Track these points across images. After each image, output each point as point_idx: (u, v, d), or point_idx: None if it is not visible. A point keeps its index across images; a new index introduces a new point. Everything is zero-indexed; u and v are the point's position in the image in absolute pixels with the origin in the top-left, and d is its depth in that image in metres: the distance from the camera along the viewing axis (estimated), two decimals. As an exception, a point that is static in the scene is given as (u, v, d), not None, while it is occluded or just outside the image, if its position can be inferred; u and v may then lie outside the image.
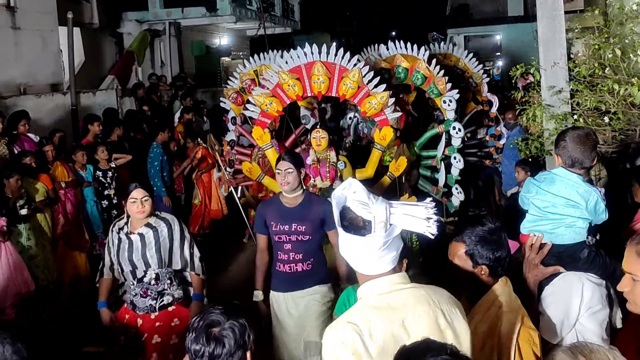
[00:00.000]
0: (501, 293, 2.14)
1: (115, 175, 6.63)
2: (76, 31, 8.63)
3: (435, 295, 1.82)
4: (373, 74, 4.83)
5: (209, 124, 9.42)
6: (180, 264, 3.51)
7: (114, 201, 6.56)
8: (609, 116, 3.94)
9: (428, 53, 5.58)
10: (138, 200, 3.30)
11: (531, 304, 2.38)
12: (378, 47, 6.03)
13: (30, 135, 6.54)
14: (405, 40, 5.74)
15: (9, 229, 5.25)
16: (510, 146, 5.95)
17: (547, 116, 4.30)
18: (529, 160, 4.99)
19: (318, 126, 4.71)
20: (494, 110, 6.59)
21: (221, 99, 6.51)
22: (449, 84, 5.34)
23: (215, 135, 9.06)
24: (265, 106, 4.88)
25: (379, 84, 4.76)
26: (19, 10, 8.67)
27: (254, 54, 6.64)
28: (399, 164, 4.97)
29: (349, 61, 4.72)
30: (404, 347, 1.52)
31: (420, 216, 1.80)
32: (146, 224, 3.38)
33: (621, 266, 1.84)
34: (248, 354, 1.83)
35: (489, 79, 6.80)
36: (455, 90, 5.37)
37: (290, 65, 4.82)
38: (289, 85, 4.76)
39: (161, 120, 8.33)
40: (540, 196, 2.57)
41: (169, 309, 3.43)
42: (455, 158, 5.40)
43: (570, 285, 2.43)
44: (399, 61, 5.54)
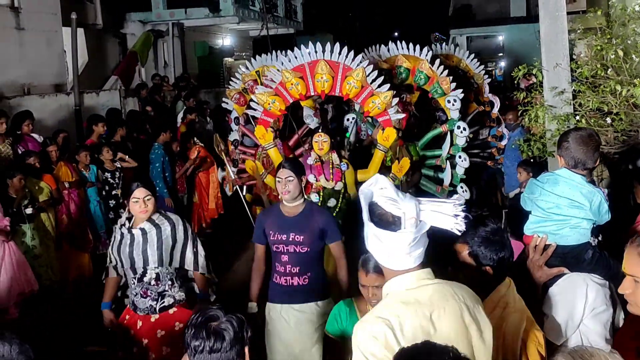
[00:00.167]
0: (505, 294, 2.15)
1: (121, 175, 6.68)
2: (80, 32, 8.64)
3: (459, 291, 1.83)
4: (370, 66, 4.76)
5: (212, 124, 9.43)
6: (181, 262, 3.46)
7: (121, 200, 6.57)
8: (611, 117, 3.93)
9: (431, 53, 5.58)
10: (140, 200, 3.28)
11: (535, 305, 2.37)
12: (379, 48, 6.00)
13: (34, 135, 6.56)
14: (408, 41, 5.73)
15: (13, 229, 5.27)
16: (512, 147, 5.95)
17: (550, 117, 4.29)
18: (531, 161, 4.98)
19: (320, 130, 4.64)
20: (496, 111, 6.58)
21: (223, 99, 6.51)
22: (453, 83, 5.33)
23: (219, 135, 9.09)
24: (268, 105, 4.84)
25: (382, 84, 4.72)
26: (23, 11, 8.71)
27: (257, 54, 6.65)
28: (401, 165, 4.92)
29: (353, 60, 4.67)
30: (403, 350, 1.50)
31: (448, 213, 1.81)
32: (149, 219, 3.35)
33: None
34: (246, 349, 1.83)
35: (490, 80, 6.79)
36: (460, 90, 5.33)
37: (293, 63, 4.76)
38: (292, 84, 4.72)
39: (164, 120, 8.33)
40: (544, 197, 2.56)
41: (170, 312, 3.37)
42: (460, 157, 5.38)
43: (575, 286, 2.43)
44: (400, 62, 5.53)
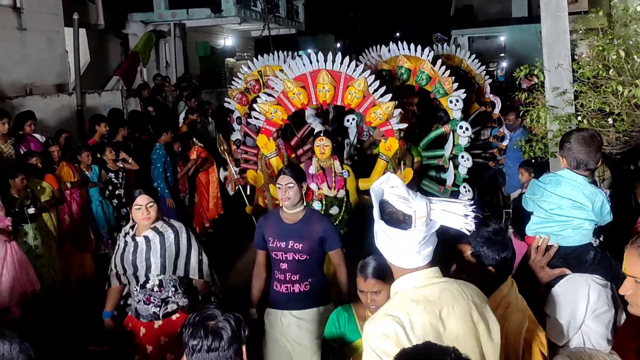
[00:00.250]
0: (507, 294, 2.16)
1: (124, 175, 6.71)
2: (82, 32, 8.65)
3: (467, 289, 1.84)
4: (374, 76, 4.76)
5: (213, 124, 9.44)
6: (186, 271, 3.43)
7: (124, 200, 6.60)
8: (613, 117, 3.93)
9: (433, 54, 5.58)
10: (143, 207, 3.27)
11: (537, 305, 2.38)
12: (379, 49, 5.99)
13: (36, 135, 6.56)
14: (409, 41, 5.72)
15: (15, 229, 5.28)
16: (514, 147, 5.95)
17: (551, 117, 4.29)
18: (532, 161, 4.98)
19: (322, 134, 4.58)
20: (497, 111, 6.59)
21: (226, 99, 6.52)
22: (455, 83, 5.33)
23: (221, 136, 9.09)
24: (270, 114, 4.85)
25: (384, 94, 4.68)
26: (25, 11, 8.72)
27: (259, 54, 6.66)
28: (404, 175, 4.86)
29: (355, 70, 4.65)
30: (404, 351, 1.50)
31: (458, 213, 1.82)
32: (153, 227, 3.35)
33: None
34: (244, 348, 1.83)
35: (491, 80, 6.80)
36: (462, 90, 5.33)
37: (295, 72, 4.77)
38: (294, 94, 4.72)
39: (165, 121, 8.34)
40: (546, 198, 2.56)
41: (173, 317, 3.35)
42: (463, 157, 5.37)
43: (577, 287, 2.43)
44: (401, 62, 5.53)
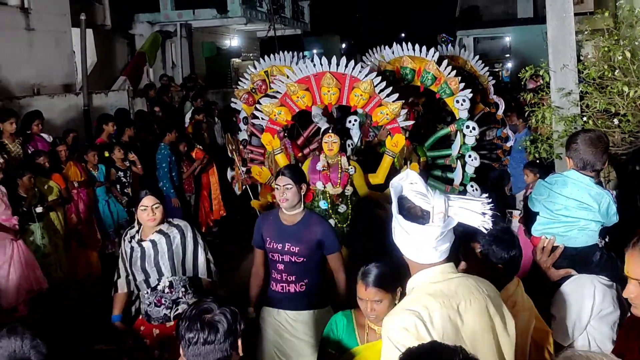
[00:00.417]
0: (514, 292, 2.18)
1: (131, 174, 6.78)
2: (89, 32, 8.67)
3: (482, 284, 1.87)
4: (380, 77, 4.74)
5: (220, 124, 9.48)
6: (194, 271, 3.41)
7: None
8: (618, 118, 3.92)
9: (438, 54, 5.57)
10: (149, 208, 3.23)
11: (543, 305, 2.38)
12: (381, 49, 5.96)
13: (44, 135, 6.60)
14: (414, 42, 5.71)
15: (22, 228, 5.32)
16: (519, 147, 5.94)
17: (557, 118, 4.28)
18: (537, 162, 4.97)
19: (330, 130, 4.57)
20: (500, 112, 6.58)
21: (232, 99, 6.54)
22: (461, 83, 5.33)
23: (225, 135, 9.11)
24: (274, 115, 4.85)
25: (391, 94, 4.67)
26: (32, 12, 8.76)
27: (264, 55, 6.67)
28: (410, 169, 4.87)
29: (360, 71, 4.63)
30: (410, 350, 1.50)
31: (476, 210, 1.83)
32: (158, 230, 3.31)
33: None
34: (239, 342, 1.86)
35: (494, 82, 6.78)
36: (469, 90, 5.31)
37: (298, 75, 4.75)
38: (298, 97, 4.72)
39: (171, 121, 8.38)
40: (552, 198, 2.56)
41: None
42: (470, 156, 5.35)
43: (582, 288, 2.43)
44: (405, 63, 5.53)
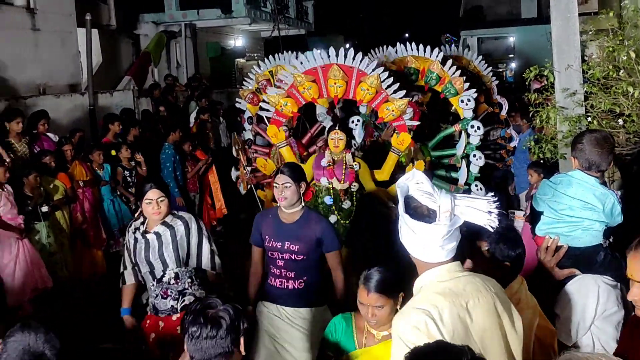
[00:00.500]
0: (518, 290, 2.19)
1: (136, 173, 6.82)
2: (94, 32, 8.71)
3: (489, 282, 1.89)
4: (387, 73, 4.72)
5: (225, 124, 9.50)
6: (198, 262, 3.40)
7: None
8: (623, 119, 3.93)
9: (442, 54, 5.58)
10: (154, 201, 3.22)
11: (547, 305, 2.39)
12: (385, 49, 5.97)
13: (50, 134, 6.63)
14: (418, 42, 5.72)
15: (28, 227, 5.36)
16: (523, 148, 5.94)
17: (561, 118, 4.29)
18: (542, 162, 4.97)
19: (336, 127, 4.59)
20: (504, 112, 6.59)
21: (237, 99, 6.56)
22: (466, 83, 5.33)
23: (229, 135, 9.14)
24: (280, 107, 4.86)
25: (397, 90, 4.68)
26: (38, 12, 8.79)
27: (268, 55, 6.69)
28: (416, 168, 4.83)
29: (368, 65, 4.63)
30: (416, 350, 1.49)
31: (482, 209, 1.84)
32: (163, 222, 3.30)
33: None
34: (241, 340, 1.87)
35: (497, 82, 6.78)
36: (473, 90, 5.31)
37: (306, 66, 4.76)
38: (304, 88, 4.73)
39: (176, 120, 8.41)
40: (557, 198, 2.57)
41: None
42: (475, 155, 5.36)
43: (586, 288, 2.44)
44: (409, 63, 5.53)
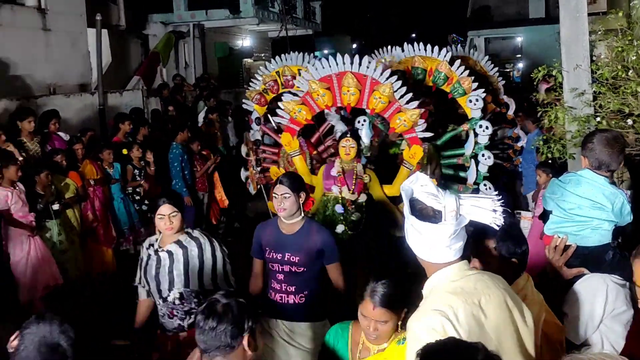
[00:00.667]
0: (524, 287, 2.21)
1: (146, 172, 6.88)
2: (103, 33, 8.75)
3: (496, 279, 1.92)
4: (400, 82, 4.70)
5: (233, 123, 9.55)
6: (213, 284, 3.32)
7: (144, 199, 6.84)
8: (632, 119, 3.93)
9: (450, 54, 5.59)
10: (166, 217, 3.19)
11: (555, 304, 2.40)
12: (391, 50, 5.98)
13: (61, 133, 6.70)
14: (425, 42, 5.74)
15: (39, 224, 5.42)
16: (532, 147, 5.94)
17: (570, 118, 4.28)
18: (550, 162, 4.97)
19: (348, 135, 4.57)
20: (511, 112, 6.59)
21: (244, 100, 6.59)
22: (474, 83, 5.34)
23: (238, 135, 9.18)
24: (295, 113, 4.89)
25: (410, 100, 4.66)
26: (49, 13, 8.85)
27: (276, 55, 6.72)
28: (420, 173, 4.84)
29: (381, 74, 4.63)
30: (428, 346, 1.48)
31: (487, 207, 1.86)
32: (177, 241, 3.27)
33: None
34: (245, 337, 1.90)
35: (504, 82, 6.78)
36: (482, 90, 5.32)
37: (321, 73, 4.78)
38: (318, 95, 4.74)
39: (185, 120, 8.46)
40: (566, 198, 2.58)
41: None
42: (483, 155, 5.36)
43: (595, 287, 2.44)
44: (417, 63, 5.55)
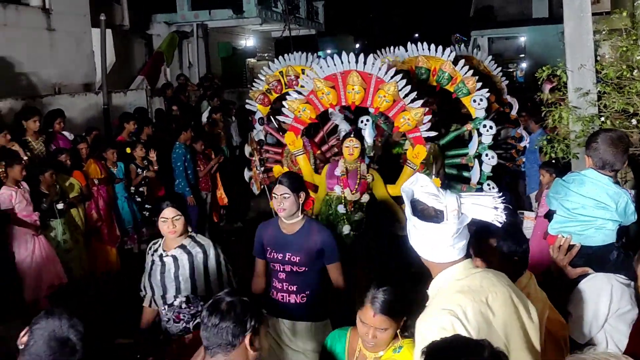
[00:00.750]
0: (526, 284, 2.22)
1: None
2: (107, 33, 8.79)
3: (501, 277, 1.93)
4: (405, 81, 4.69)
5: (236, 123, 9.57)
6: (216, 288, 3.28)
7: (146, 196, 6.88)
8: (636, 119, 3.92)
9: (454, 54, 5.59)
10: (169, 220, 3.15)
11: (559, 303, 2.40)
12: (394, 50, 5.98)
13: (65, 133, 6.73)
14: (428, 42, 5.73)
15: (44, 224, 5.44)
16: (535, 147, 5.94)
17: (574, 118, 4.28)
18: (553, 162, 4.97)
19: (352, 135, 4.56)
20: (514, 112, 6.59)
21: (247, 101, 6.60)
22: (479, 83, 5.34)
23: (241, 134, 9.20)
24: (299, 112, 4.89)
25: (415, 99, 4.65)
26: (54, 13, 8.88)
27: (279, 55, 6.73)
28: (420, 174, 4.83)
29: (386, 73, 4.64)
30: (433, 344, 1.48)
31: (488, 205, 1.87)
32: (181, 245, 3.24)
33: None
34: (247, 336, 1.90)
35: (507, 82, 6.78)
36: (486, 90, 5.32)
37: (325, 72, 4.79)
38: (323, 93, 4.75)
39: (188, 119, 8.48)
40: (570, 197, 2.58)
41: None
42: (487, 155, 5.36)
43: (600, 286, 2.44)
44: (420, 62, 5.55)
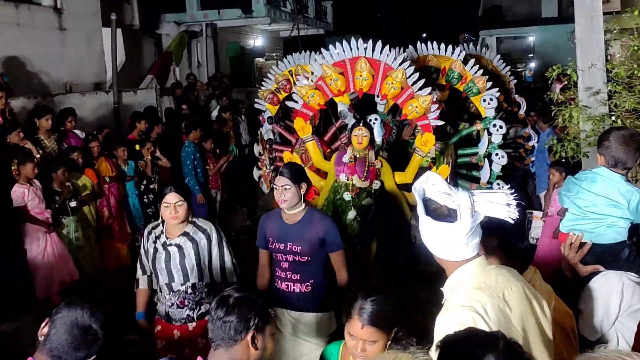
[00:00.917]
0: (532, 278, 2.23)
1: (157, 169, 6.94)
2: (118, 32, 8.86)
3: (514, 272, 1.94)
4: (413, 68, 4.74)
5: (246, 122, 9.62)
6: (223, 276, 3.30)
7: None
8: (647, 118, 3.94)
9: (464, 53, 5.60)
10: (171, 205, 3.10)
11: (569, 301, 2.40)
12: (404, 50, 5.96)
13: (77, 131, 6.79)
14: (437, 42, 5.75)
15: (56, 221, 5.49)
16: (545, 146, 5.94)
17: (584, 117, 4.28)
18: (563, 161, 4.97)
19: (361, 124, 4.57)
20: (522, 112, 6.59)
21: (256, 100, 6.64)
22: (489, 82, 5.34)
23: (251, 133, 9.24)
24: (308, 98, 4.93)
25: (423, 87, 4.68)
26: (65, 12, 8.95)
27: (287, 54, 6.77)
28: (440, 171, 4.83)
29: (395, 60, 4.65)
30: (447, 338, 1.48)
31: (501, 202, 1.87)
32: (184, 233, 3.21)
33: None
34: (250, 334, 1.92)
35: (516, 81, 6.78)
36: (496, 89, 5.34)
37: (335, 58, 4.83)
38: (331, 79, 4.78)
39: (198, 119, 8.53)
40: (582, 195, 2.59)
41: (207, 318, 3.23)
42: (497, 154, 5.38)
43: (611, 284, 2.44)
44: (430, 62, 5.57)
